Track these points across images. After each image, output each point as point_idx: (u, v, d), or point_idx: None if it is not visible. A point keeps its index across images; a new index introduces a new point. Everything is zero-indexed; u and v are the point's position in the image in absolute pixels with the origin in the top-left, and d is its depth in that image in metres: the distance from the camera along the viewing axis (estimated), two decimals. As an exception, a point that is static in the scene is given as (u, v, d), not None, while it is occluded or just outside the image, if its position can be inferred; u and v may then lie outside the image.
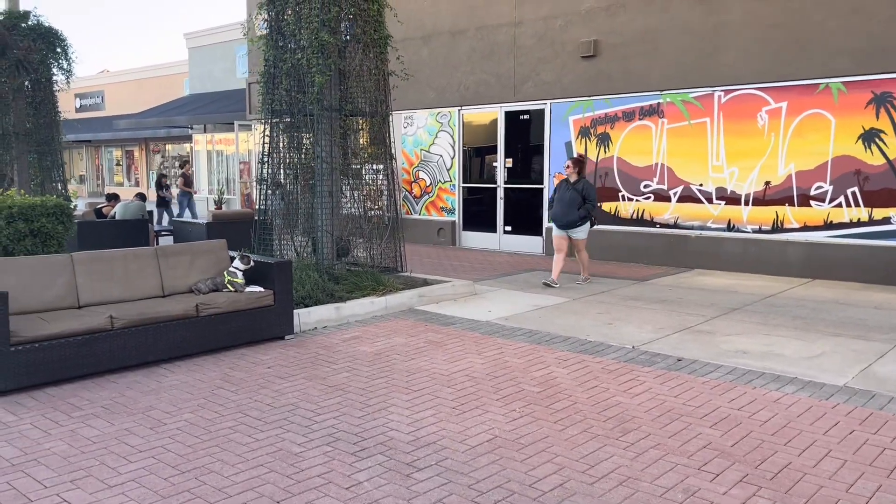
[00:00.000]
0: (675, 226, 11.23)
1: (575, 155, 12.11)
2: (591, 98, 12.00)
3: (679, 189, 11.15)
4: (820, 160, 9.84)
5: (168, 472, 3.72)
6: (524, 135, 13.02)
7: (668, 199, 11.26)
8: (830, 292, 8.91)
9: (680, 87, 11.02)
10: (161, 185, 18.60)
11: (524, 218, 13.12)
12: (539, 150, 12.78)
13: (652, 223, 11.47)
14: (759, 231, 10.42)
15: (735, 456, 3.98)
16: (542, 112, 12.68)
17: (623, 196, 11.76)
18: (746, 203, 10.52)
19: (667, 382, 5.31)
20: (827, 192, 9.81)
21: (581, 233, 9.40)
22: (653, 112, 11.36)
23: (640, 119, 11.50)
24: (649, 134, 11.40)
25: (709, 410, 4.71)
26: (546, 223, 12.67)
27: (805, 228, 10.02)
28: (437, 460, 3.89)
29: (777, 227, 10.26)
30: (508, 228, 13.34)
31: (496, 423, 4.46)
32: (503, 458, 3.92)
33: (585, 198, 9.21)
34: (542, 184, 12.77)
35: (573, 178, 9.35)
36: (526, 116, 12.96)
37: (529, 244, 13.03)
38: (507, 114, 13.18)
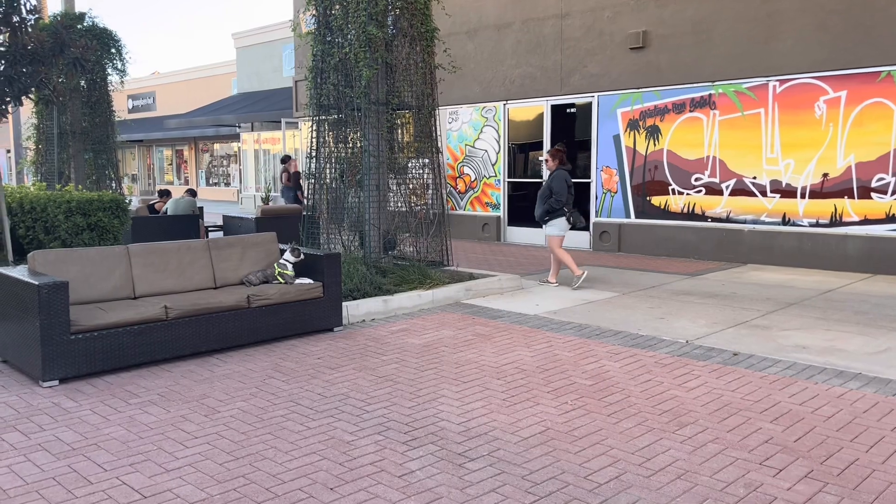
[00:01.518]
0: (728, 220, 10.96)
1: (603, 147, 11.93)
2: (640, 90, 11.79)
3: (731, 182, 10.88)
4: (881, 151, 9.48)
5: (223, 457, 3.76)
6: (571, 128, 12.87)
7: (720, 193, 11.00)
8: (894, 288, 8.58)
9: (733, 77, 10.75)
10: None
11: (572, 213, 12.97)
12: (586, 144, 12.62)
13: (703, 217, 11.22)
14: (817, 225, 10.09)
15: (799, 451, 3.84)
16: (589, 105, 12.52)
17: (673, 190, 11.53)
18: (803, 196, 10.20)
19: (723, 377, 5.17)
20: (889, 183, 9.45)
21: (551, 228, 8.89)
22: (704, 104, 11.10)
23: (690, 111, 11.25)
24: (700, 126, 11.14)
25: (769, 405, 4.56)
26: (594, 217, 12.51)
27: (865, 222, 9.67)
28: (490, 451, 3.85)
29: (835, 221, 9.92)
30: (555, 223, 13.20)
31: (548, 416, 4.40)
32: (556, 450, 3.86)
33: (551, 190, 8.77)
34: (589, 178, 12.60)
35: (551, 170, 8.92)
36: (572, 110, 12.81)
37: (576, 239, 12.87)
38: (554, 107, 13.04)
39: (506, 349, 5.97)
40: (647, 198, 11.84)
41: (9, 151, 33.08)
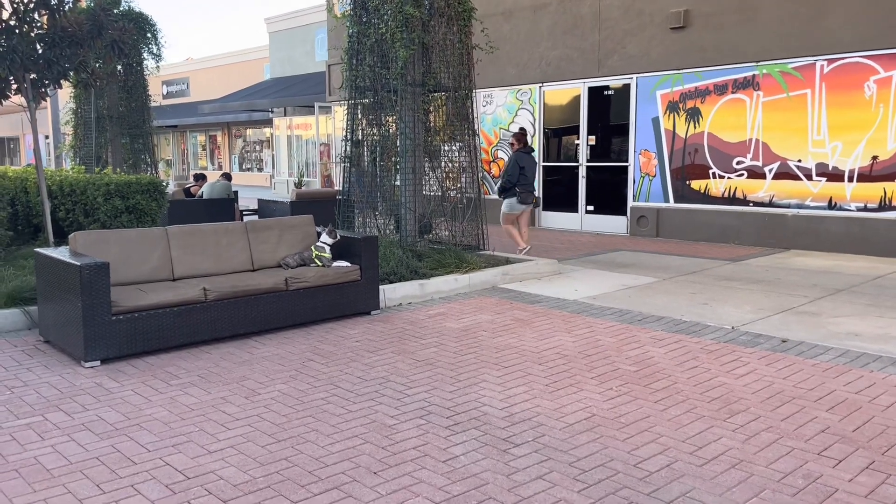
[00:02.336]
0: (771, 204, 10.66)
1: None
2: (681, 71, 11.49)
3: (775, 165, 10.57)
4: (936, 132, 9.11)
5: (265, 440, 3.73)
6: (608, 111, 12.62)
7: (763, 176, 10.70)
8: (947, 274, 8.26)
9: (778, 57, 10.41)
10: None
11: (607, 197, 12.75)
12: (623, 127, 12.36)
13: (745, 201, 10.93)
14: (865, 209, 9.76)
15: (858, 441, 3.68)
16: (627, 87, 12.25)
17: (714, 173, 11.25)
18: (850, 179, 9.87)
19: (773, 364, 5.00)
20: (943, 166, 9.08)
21: (503, 206, 9.72)
22: (747, 84, 10.78)
23: (733, 92, 10.94)
24: (743, 108, 10.83)
25: (823, 393, 4.39)
26: (632, 202, 12.28)
27: (917, 206, 9.32)
28: (535, 437, 3.76)
29: (885, 205, 9.58)
30: (591, 208, 13.00)
31: (593, 402, 4.29)
32: (603, 437, 3.76)
33: (505, 171, 9.55)
34: (626, 162, 12.36)
35: (514, 152, 9.60)
36: (610, 92, 12.55)
37: (613, 224, 12.66)
38: (591, 89, 12.80)
39: (546, 334, 5.86)
40: (687, 182, 11.58)
41: (47, 137, 33.69)
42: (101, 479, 3.26)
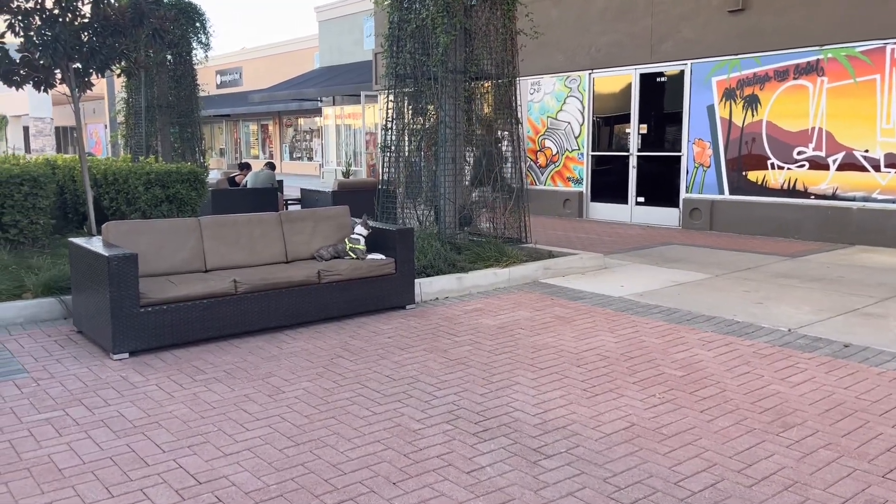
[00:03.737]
0: (834, 197, 10.06)
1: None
2: (738, 56, 10.93)
3: (839, 156, 9.96)
4: None
5: (283, 442, 3.57)
6: (660, 99, 12.13)
7: (826, 168, 10.10)
8: None
9: (845, 40, 9.78)
10: None
11: (659, 188, 12.27)
12: (677, 115, 11.86)
13: (805, 194, 10.35)
14: (938, 203, 9.11)
15: (929, 465, 3.31)
16: (681, 74, 11.74)
17: (772, 164, 10.68)
18: (922, 171, 9.22)
19: (833, 371, 4.62)
20: None
21: None
22: (811, 70, 10.17)
23: (794, 78, 10.35)
24: (805, 94, 10.24)
25: (889, 406, 4.01)
26: (684, 194, 11.79)
27: None
28: (568, 447, 3.51)
29: (961, 199, 8.92)
30: (641, 199, 12.55)
31: (633, 409, 4.00)
32: (643, 450, 3.48)
33: None
34: (679, 151, 11.87)
35: None
36: (663, 79, 12.05)
37: (664, 216, 12.20)
38: (643, 76, 12.31)
39: (587, 333, 5.58)
40: (743, 173, 11.04)
41: (106, 126, 34.59)
42: (111, 481, 3.15)
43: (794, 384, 4.39)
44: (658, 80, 12.12)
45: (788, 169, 10.50)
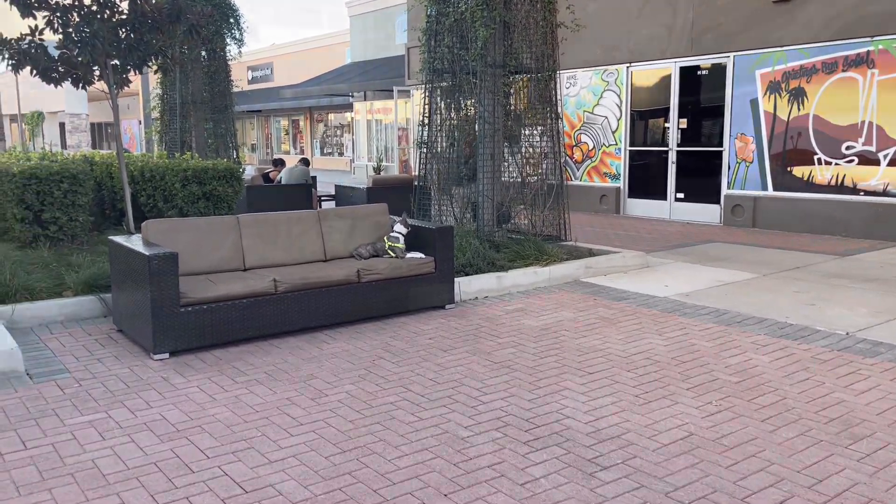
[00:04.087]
0: (885, 193, 9.71)
1: None
2: (784, 48, 10.60)
3: (891, 151, 9.60)
4: None
5: (329, 449, 3.47)
6: (701, 92, 11.83)
7: (877, 163, 9.74)
8: None
9: (897, 30, 9.41)
10: None
11: (699, 184, 11.98)
12: (718, 109, 11.56)
13: (854, 190, 10.01)
14: None
15: None
16: (723, 67, 11.43)
17: (819, 160, 10.34)
18: (981, 166, 8.84)
19: (899, 379, 4.39)
20: None
21: None
22: (860, 62, 9.82)
23: (843, 71, 9.99)
24: (855, 87, 9.88)
25: (965, 419, 3.79)
26: (726, 190, 11.49)
27: None
28: (624, 458, 3.36)
29: None
30: (680, 196, 12.27)
31: (690, 418, 3.83)
32: (704, 462, 3.31)
33: None
34: (720, 146, 11.56)
35: None
36: (704, 72, 11.75)
37: (705, 213, 11.91)
38: (683, 69, 12.01)
39: (634, 336, 5.40)
40: (788, 168, 10.71)
41: (140, 122, 34.98)
42: (156, 488, 3.08)
43: (858, 392, 4.18)
44: (698, 73, 11.82)
45: (836, 164, 10.15)
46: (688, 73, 11.96)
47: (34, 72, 7.23)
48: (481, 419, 3.84)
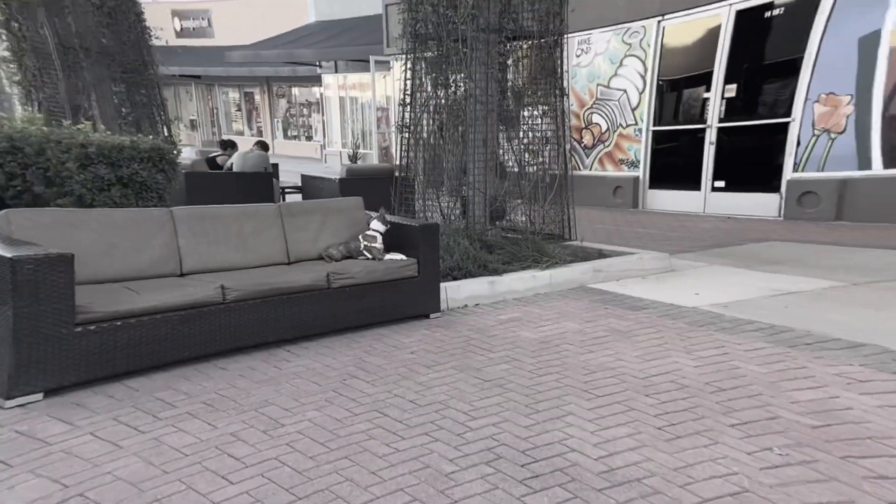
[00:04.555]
0: None
1: None
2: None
3: None
4: None
5: (280, 497, 3.35)
6: (765, 45, 11.07)
7: None
8: None
9: None
10: None
11: (749, 169, 11.48)
12: (789, 66, 10.76)
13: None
14: None
15: None
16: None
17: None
18: None
19: None
20: None
21: None
22: None
23: None
24: None
25: None
26: (790, 174, 10.81)
27: None
28: (646, 507, 3.27)
29: None
30: (720, 184, 11.98)
31: (740, 467, 3.58)
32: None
33: None
34: (787, 116, 10.97)
35: None
36: (778, 11, 10.94)
37: (756, 204, 11.52)
38: (741, 14, 11.29)
39: (654, 353, 5.36)
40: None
41: None
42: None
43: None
44: (768, 14, 11.08)
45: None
46: (749, 18, 11.26)
47: None
48: (469, 450, 3.78)
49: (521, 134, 8.52)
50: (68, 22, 11.07)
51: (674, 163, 12.69)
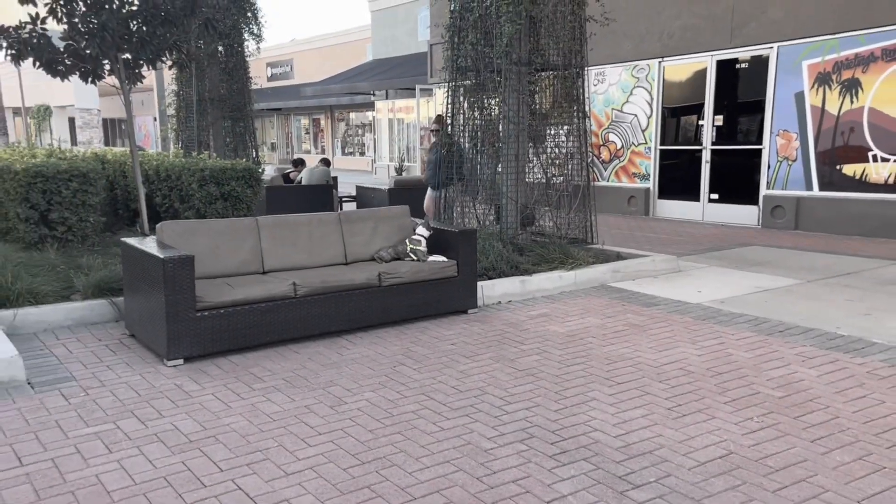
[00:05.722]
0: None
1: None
2: (836, 36, 10.27)
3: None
4: None
5: (347, 461, 3.42)
6: (739, 88, 11.63)
7: (935, 161, 9.46)
8: None
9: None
10: None
11: (735, 184, 11.79)
12: (758, 104, 11.35)
13: (913, 189, 9.71)
14: None
15: None
16: (765, 59, 11.20)
17: (875, 156, 10.05)
18: None
19: (955, 394, 4.23)
20: None
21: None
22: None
23: (903, 59, 9.67)
24: (915, 78, 9.57)
25: None
26: (765, 190, 11.28)
27: None
28: (658, 476, 3.26)
29: None
30: (715, 196, 12.08)
31: (729, 434, 3.72)
32: (747, 484, 3.20)
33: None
34: (760, 144, 11.35)
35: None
36: (744, 65, 11.53)
37: (741, 214, 11.71)
38: (720, 63, 11.81)
39: (666, 344, 5.29)
40: (838, 166, 10.46)
41: (155, 119, 35.23)
42: None
43: (912, 409, 4.03)
44: (738, 66, 11.61)
45: (894, 161, 9.86)
46: (726, 67, 11.76)
47: (37, 63, 7.06)
48: (505, 430, 3.77)
49: (547, 150, 8.45)
50: (205, 82, 13.16)
51: (678, 177, 12.62)
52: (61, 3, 6.96)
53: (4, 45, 6.94)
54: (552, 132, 8.56)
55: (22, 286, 5.69)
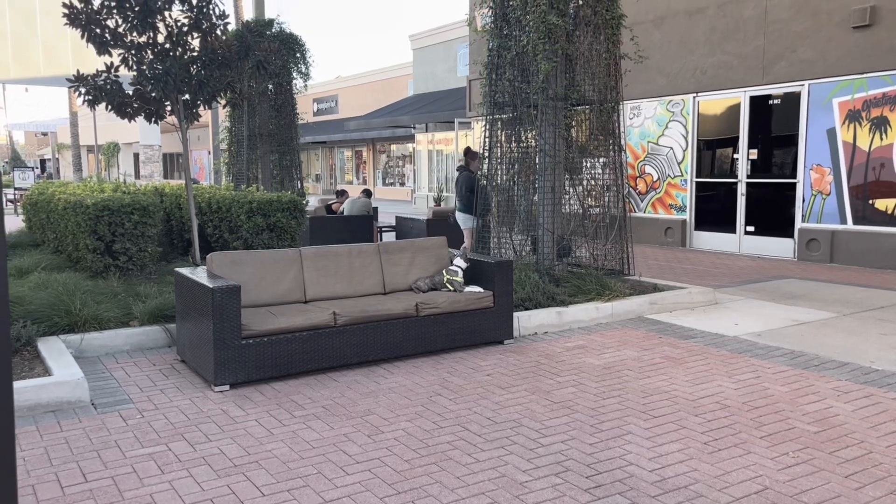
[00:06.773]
0: (976, 228, 9.18)
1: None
2: (864, 76, 10.22)
3: (982, 183, 9.09)
4: None
5: (384, 490, 3.43)
6: (772, 122, 11.50)
7: (967, 196, 9.23)
8: None
9: None
10: None
11: (771, 217, 11.61)
12: (791, 139, 11.20)
13: (943, 225, 9.49)
14: None
15: None
16: (796, 96, 11.09)
17: (903, 192, 9.87)
18: None
19: None
20: None
21: (471, 221, 9.22)
22: (947, 89, 9.38)
23: (928, 98, 9.56)
24: (941, 116, 9.43)
25: None
26: (800, 223, 11.09)
27: None
28: (692, 512, 3.20)
29: None
30: (751, 229, 11.89)
31: (764, 470, 3.63)
32: (780, 520, 3.12)
33: (472, 190, 9.17)
34: (794, 178, 11.18)
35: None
36: (776, 101, 11.43)
37: (777, 247, 11.50)
38: (753, 99, 11.72)
39: (702, 377, 5.20)
40: (870, 201, 10.25)
41: (209, 153, 36.31)
42: (212, 524, 3.09)
43: (952, 447, 3.90)
44: (771, 102, 11.50)
45: (922, 197, 9.66)
46: (759, 103, 11.66)
47: (109, 107, 7.58)
48: (540, 463, 3.74)
49: (584, 181, 8.44)
50: (256, 119, 13.58)
51: (714, 209, 12.46)
52: (132, 52, 7.38)
53: (83, 90, 7.38)
54: (588, 164, 8.55)
55: (88, 312, 5.93)
